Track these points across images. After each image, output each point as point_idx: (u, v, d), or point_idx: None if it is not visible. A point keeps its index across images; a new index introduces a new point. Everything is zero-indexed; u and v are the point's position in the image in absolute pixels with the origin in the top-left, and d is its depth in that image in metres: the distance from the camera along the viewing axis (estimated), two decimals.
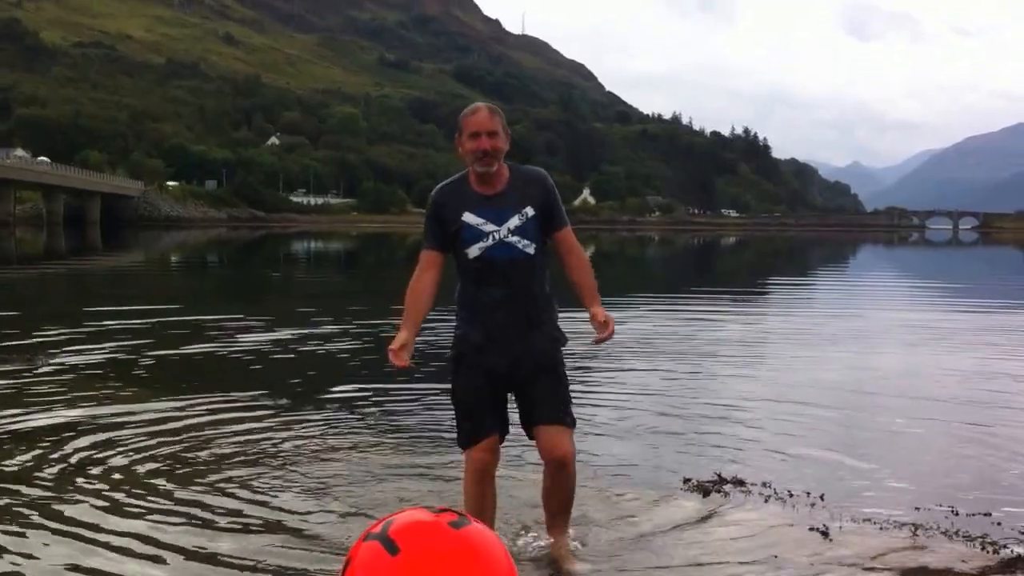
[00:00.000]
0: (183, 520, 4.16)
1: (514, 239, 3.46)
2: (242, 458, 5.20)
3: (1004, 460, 5.34)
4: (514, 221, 3.46)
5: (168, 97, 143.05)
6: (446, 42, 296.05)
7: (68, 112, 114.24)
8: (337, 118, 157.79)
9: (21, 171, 70.50)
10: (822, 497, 4.52)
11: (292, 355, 9.25)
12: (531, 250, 3.48)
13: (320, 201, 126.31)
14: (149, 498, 4.46)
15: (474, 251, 3.47)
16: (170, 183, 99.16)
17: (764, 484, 4.71)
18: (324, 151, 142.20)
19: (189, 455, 5.25)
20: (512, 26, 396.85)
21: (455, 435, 3.70)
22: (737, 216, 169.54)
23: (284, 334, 10.65)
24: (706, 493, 4.59)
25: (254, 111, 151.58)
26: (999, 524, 4.20)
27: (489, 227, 3.45)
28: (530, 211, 3.48)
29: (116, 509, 4.30)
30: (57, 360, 8.31)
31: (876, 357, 9.69)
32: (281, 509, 4.33)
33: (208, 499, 4.47)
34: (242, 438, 5.64)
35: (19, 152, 78.66)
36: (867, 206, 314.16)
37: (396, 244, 53.49)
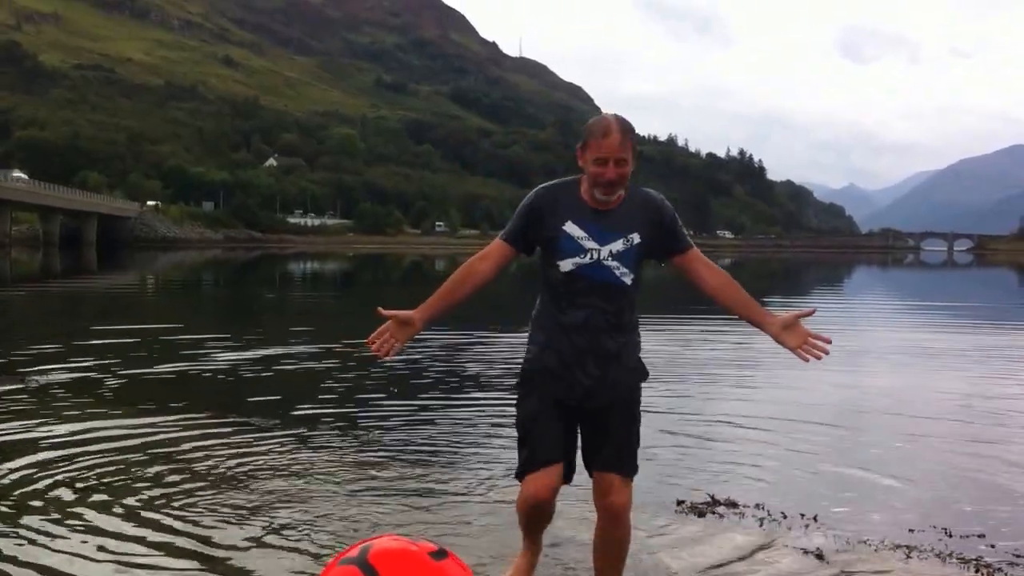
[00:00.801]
0: (127, 543, 4.06)
1: (612, 264, 3.09)
2: (203, 479, 5.10)
3: (998, 481, 5.32)
4: (617, 245, 3.09)
5: (167, 119, 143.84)
6: (443, 64, 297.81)
7: (67, 134, 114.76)
8: (335, 140, 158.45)
9: (17, 192, 70.50)
10: (816, 519, 4.48)
11: (269, 373, 9.19)
12: (628, 280, 3.12)
13: (317, 222, 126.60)
14: (86, 518, 4.36)
15: (567, 265, 3.10)
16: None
17: (758, 506, 4.67)
18: (321, 172, 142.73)
19: (129, 474, 5.16)
20: (509, 48, 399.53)
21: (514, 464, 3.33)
22: (732, 237, 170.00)
23: (265, 352, 10.60)
24: (700, 515, 4.55)
25: (252, 133, 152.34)
26: (993, 547, 4.16)
27: (590, 243, 3.09)
28: (636, 238, 3.11)
29: (61, 527, 4.22)
30: (32, 377, 8.24)
31: (870, 377, 9.69)
32: (234, 528, 4.24)
33: (162, 521, 4.37)
34: (199, 455, 5.58)
35: (16, 173, 78.67)
36: (862, 228, 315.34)
37: (392, 265, 53.49)
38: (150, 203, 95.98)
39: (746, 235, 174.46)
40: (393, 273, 44.15)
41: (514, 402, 3.32)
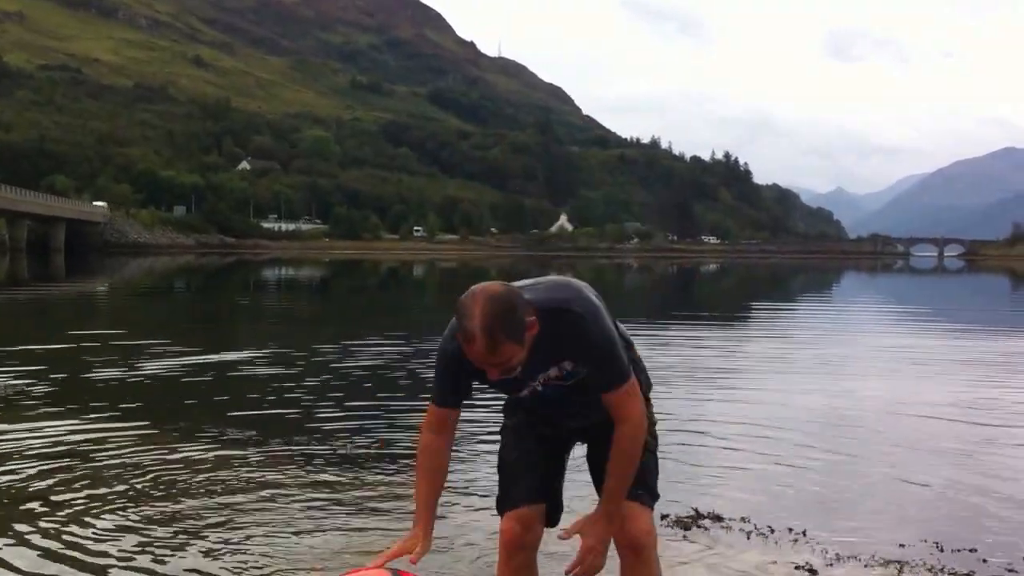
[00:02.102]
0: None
1: (558, 384, 2.71)
2: (136, 490, 4.97)
3: (989, 493, 5.24)
4: (551, 372, 2.68)
5: (136, 121, 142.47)
6: (420, 64, 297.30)
7: (33, 136, 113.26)
8: (308, 142, 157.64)
9: None
10: (805, 533, 4.38)
11: (212, 378, 9.14)
12: (582, 384, 2.71)
13: (292, 227, 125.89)
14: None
15: (513, 397, 2.86)
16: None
17: (743, 519, 4.57)
18: (295, 176, 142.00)
19: (61, 482, 5.07)
20: (488, 48, 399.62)
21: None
22: (717, 243, 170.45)
23: (224, 358, 10.57)
24: (686, 528, 4.44)
25: (224, 135, 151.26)
26: (985, 561, 4.08)
27: (523, 383, 2.70)
28: (568, 364, 2.65)
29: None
30: None
31: (858, 385, 9.61)
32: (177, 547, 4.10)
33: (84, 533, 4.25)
34: (127, 461, 5.47)
35: None
36: (850, 233, 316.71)
37: (368, 271, 53.21)
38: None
39: (732, 241, 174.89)
40: (370, 279, 43.93)
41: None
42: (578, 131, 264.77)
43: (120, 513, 4.58)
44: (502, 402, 3.03)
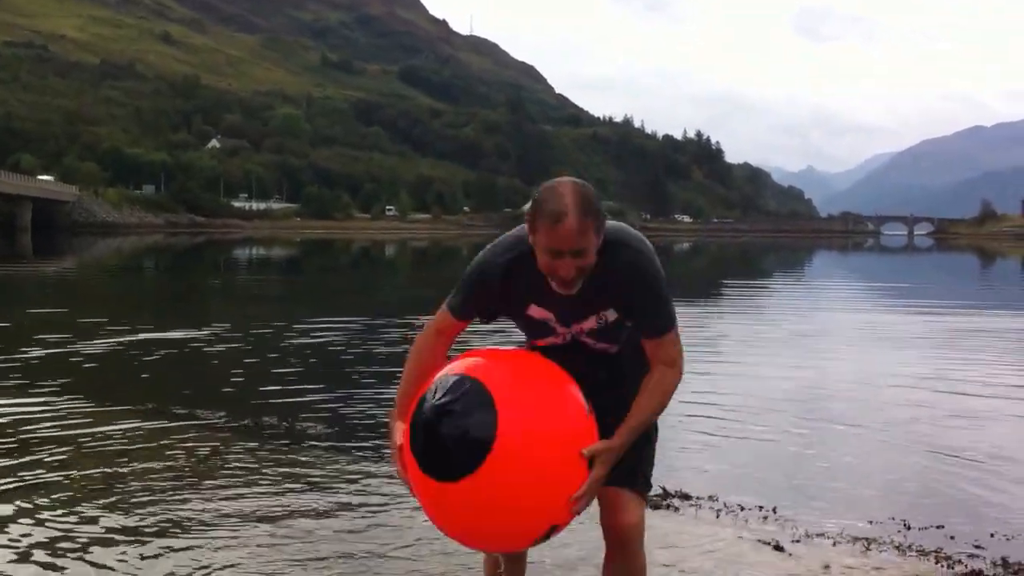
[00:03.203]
0: None
1: (589, 340, 2.63)
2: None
3: (957, 471, 5.27)
4: (590, 323, 2.58)
5: (103, 98, 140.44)
6: (391, 42, 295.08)
7: None
8: (279, 120, 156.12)
9: None
10: (775, 510, 4.39)
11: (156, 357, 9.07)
12: (613, 349, 2.67)
13: (262, 206, 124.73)
14: None
15: (540, 343, 2.70)
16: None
17: (712, 498, 4.56)
18: (266, 155, 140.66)
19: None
20: (460, 26, 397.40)
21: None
22: (690, 221, 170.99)
23: (178, 335, 10.53)
24: (654, 507, 4.39)
25: (193, 113, 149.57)
26: (952, 538, 4.10)
27: (559, 326, 2.61)
28: (611, 314, 2.56)
29: None
30: None
31: (828, 363, 9.66)
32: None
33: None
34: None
35: None
36: (821, 211, 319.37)
37: (340, 250, 52.90)
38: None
39: (704, 219, 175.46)
40: (341, 258, 43.69)
41: None
42: (551, 109, 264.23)
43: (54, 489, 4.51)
44: None
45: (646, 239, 2.54)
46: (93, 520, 4.14)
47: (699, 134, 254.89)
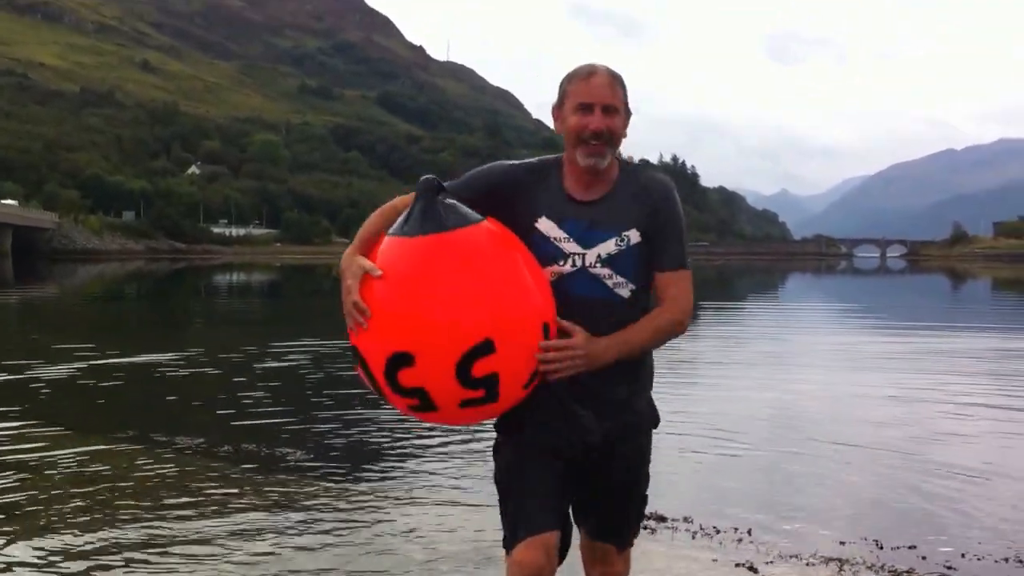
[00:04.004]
0: None
1: (603, 272, 2.38)
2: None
3: (929, 491, 5.33)
4: (608, 246, 2.38)
5: (83, 126, 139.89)
6: (368, 68, 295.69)
7: None
8: (258, 146, 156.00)
9: None
10: (749, 532, 4.44)
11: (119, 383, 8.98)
12: (625, 292, 2.40)
13: (242, 232, 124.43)
14: None
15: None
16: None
17: (686, 519, 4.61)
18: (245, 181, 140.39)
19: None
20: (437, 52, 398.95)
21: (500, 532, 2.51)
22: None
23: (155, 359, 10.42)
24: None
25: (172, 140, 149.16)
26: (924, 558, 4.15)
27: (571, 246, 2.38)
28: (634, 235, 2.39)
29: None
30: None
31: (801, 384, 9.73)
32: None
33: None
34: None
35: None
36: (795, 234, 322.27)
37: (322, 275, 52.72)
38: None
39: None
40: (324, 283, 43.57)
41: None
42: (527, 134, 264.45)
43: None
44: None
45: None
46: (70, 543, 4.15)
47: (675, 158, 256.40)
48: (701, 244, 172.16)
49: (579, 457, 2.44)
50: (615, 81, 2.38)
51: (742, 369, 10.66)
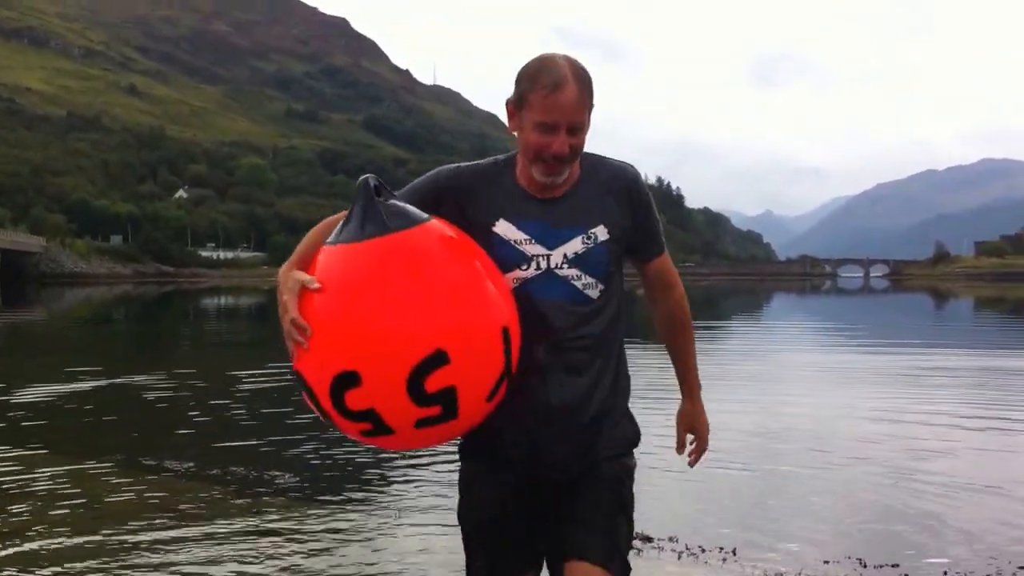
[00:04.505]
0: None
1: (570, 272, 2.19)
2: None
3: (912, 509, 5.36)
4: (574, 245, 2.19)
5: (70, 150, 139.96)
6: (355, 92, 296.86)
7: None
8: (245, 170, 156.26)
9: None
10: (734, 552, 4.45)
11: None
12: (595, 292, 2.21)
13: (230, 255, 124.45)
14: None
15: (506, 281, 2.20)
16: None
17: (672, 539, 4.63)
18: (232, 204, 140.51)
19: None
20: (423, 76, 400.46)
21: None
22: None
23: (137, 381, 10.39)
24: None
25: (159, 164, 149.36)
26: None
27: (534, 247, 2.18)
28: (601, 232, 2.21)
29: None
30: None
31: (785, 402, 9.76)
32: None
33: None
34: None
35: None
36: (780, 254, 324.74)
37: None
38: None
39: None
40: None
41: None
42: None
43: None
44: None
45: None
46: (47, 562, 4.14)
47: (660, 180, 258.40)
48: (687, 265, 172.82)
49: (547, 477, 2.23)
50: (584, 91, 2.10)
51: (727, 388, 10.63)
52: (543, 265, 2.17)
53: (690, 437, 2.54)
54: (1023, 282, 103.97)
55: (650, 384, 11.05)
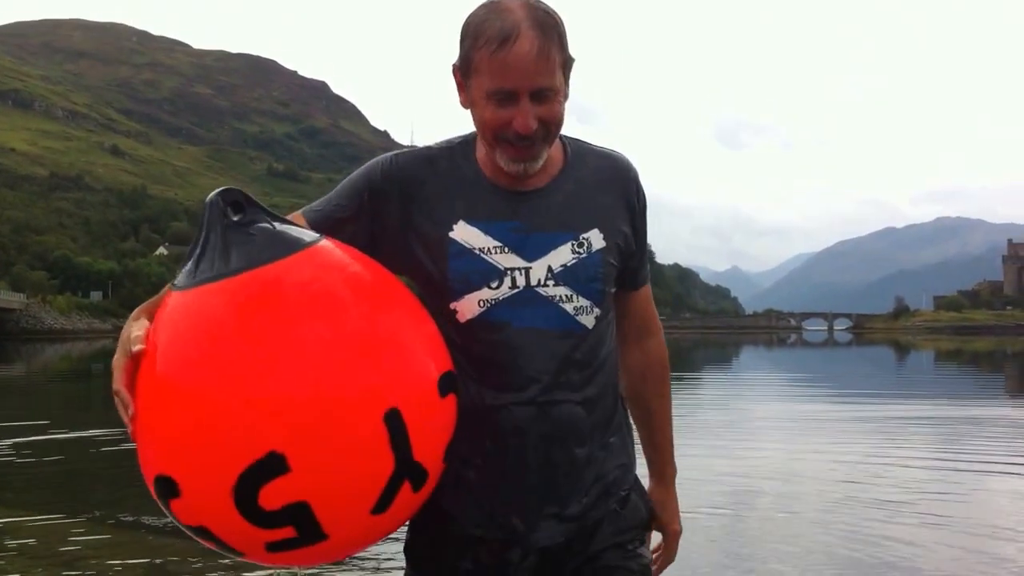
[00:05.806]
0: None
1: (558, 291, 1.57)
2: None
3: (878, 545, 5.54)
4: (562, 254, 1.57)
5: (52, 209, 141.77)
6: (335, 152, 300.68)
7: None
8: None
9: None
10: None
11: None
12: (589, 320, 1.59)
13: None
14: None
15: (468, 305, 1.56)
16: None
17: None
18: None
19: None
20: (401, 136, 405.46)
21: None
22: None
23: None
24: None
25: (141, 222, 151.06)
26: None
27: (507, 258, 1.56)
28: (596, 238, 1.60)
29: None
30: None
31: (754, 450, 9.81)
32: None
33: None
34: None
35: None
36: (747, 308, 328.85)
37: None
38: None
39: None
40: None
41: None
42: None
43: None
44: None
45: None
46: None
47: None
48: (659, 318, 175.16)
49: (529, 554, 1.61)
50: (548, 40, 1.46)
51: (698, 435, 10.68)
52: (520, 282, 1.55)
53: (656, 537, 1.84)
54: (980, 335, 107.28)
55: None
